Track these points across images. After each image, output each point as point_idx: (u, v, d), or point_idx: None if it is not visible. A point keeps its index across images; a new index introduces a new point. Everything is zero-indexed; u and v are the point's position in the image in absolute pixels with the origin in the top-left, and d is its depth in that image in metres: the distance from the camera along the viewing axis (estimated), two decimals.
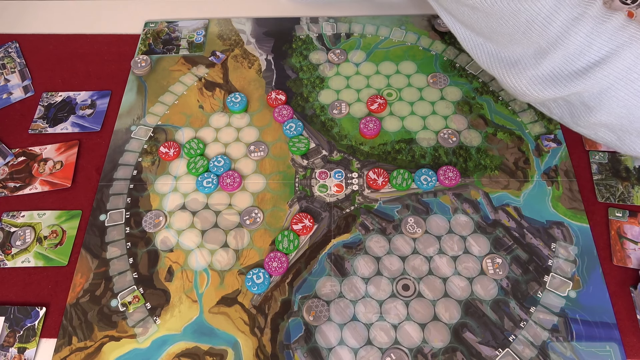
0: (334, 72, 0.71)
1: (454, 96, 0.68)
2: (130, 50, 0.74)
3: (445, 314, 0.52)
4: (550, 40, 0.45)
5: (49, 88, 0.71)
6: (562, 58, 0.46)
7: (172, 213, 0.59)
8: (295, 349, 0.51)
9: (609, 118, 0.47)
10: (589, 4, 0.44)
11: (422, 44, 0.73)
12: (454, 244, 0.56)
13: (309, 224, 0.58)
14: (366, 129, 0.64)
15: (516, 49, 0.48)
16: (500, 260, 0.55)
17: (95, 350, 0.51)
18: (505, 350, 0.50)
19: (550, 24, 0.44)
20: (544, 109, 0.54)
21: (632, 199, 0.59)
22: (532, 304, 0.53)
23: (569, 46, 0.45)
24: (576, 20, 0.44)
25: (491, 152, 0.63)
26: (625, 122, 0.47)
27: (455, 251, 0.56)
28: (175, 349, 0.51)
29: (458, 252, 0.56)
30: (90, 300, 0.54)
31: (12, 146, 0.65)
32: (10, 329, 0.52)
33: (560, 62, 0.46)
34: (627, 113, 0.46)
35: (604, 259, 0.55)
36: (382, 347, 0.51)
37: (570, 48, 0.45)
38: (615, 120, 0.47)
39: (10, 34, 0.77)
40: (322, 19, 0.76)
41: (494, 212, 0.58)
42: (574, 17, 0.44)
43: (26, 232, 0.58)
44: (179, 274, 0.55)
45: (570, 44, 0.45)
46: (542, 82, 0.48)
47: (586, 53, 0.45)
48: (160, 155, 0.64)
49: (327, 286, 0.54)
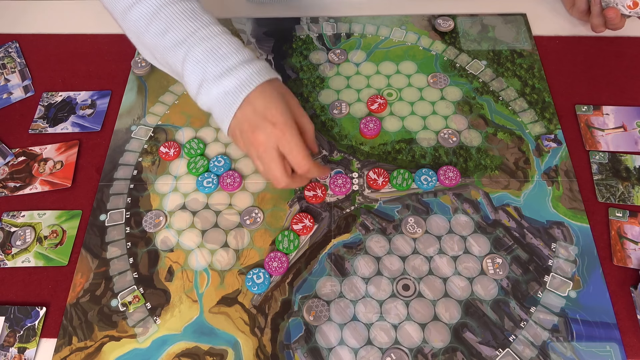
0: (334, 72, 0.71)
1: (454, 96, 0.68)
2: (131, 50, 0.74)
3: (446, 314, 0.52)
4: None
5: (49, 88, 0.71)
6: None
7: (172, 213, 0.59)
8: (296, 349, 0.51)
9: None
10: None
11: (422, 44, 0.73)
12: (454, 244, 0.56)
13: (309, 224, 0.58)
14: (366, 129, 0.64)
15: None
16: (501, 260, 0.55)
17: (95, 350, 0.51)
18: (505, 350, 0.50)
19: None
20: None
21: (633, 199, 0.59)
22: (533, 304, 0.53)
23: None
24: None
25: (491, 152, 0.63)
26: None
27: (456, 251, 0.56)
28: (176, 348, 0.51)
29: (458, 252, 0.56)
30: (90, 300, 0.54)
31: (12, 146, 0.65)
32: (11, 328, 0.52)
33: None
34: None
35: (604, 259, 0.55)
36: (383, 347, 0.51)
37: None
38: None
39: (10, 34, 0.77)
40: (323, 19, 0.76)
41: (494, 212, 0.58)
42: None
43: (26, 232, 0.58)
44: (179, 273, 0.55)
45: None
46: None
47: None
48: (161, 155, 0.64)
49: (327, 286, 0.54)
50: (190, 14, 0.54)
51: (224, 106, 0.52)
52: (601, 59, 0.71)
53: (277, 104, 0.51)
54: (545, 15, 0.77)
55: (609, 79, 0.69)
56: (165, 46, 0.54)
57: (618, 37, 0.73)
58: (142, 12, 0.54)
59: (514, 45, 0.73)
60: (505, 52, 0.72)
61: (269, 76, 0.52)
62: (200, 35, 0.53)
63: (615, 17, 0.67)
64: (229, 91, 0.51)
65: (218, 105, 0.52)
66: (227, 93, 0.51)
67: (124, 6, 0.55)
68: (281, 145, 0.51)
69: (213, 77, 0.51)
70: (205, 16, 0.55)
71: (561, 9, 0.77)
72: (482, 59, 0.71)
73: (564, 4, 0.76)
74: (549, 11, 0.77)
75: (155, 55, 0.57)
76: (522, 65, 0.71)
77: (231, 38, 0.54)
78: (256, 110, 0.51)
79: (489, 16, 0.77)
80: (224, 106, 0.52)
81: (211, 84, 0.52)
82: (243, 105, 0.51)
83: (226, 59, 0.52)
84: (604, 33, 0.72)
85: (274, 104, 0.51)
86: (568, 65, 0.71)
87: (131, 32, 0.57)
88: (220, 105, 0.52)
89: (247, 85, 0.51)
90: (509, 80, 0.69)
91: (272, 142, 0.51)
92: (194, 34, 0.53)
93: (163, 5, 0.54)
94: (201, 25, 0.53)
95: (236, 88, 0.51)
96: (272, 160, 0.51)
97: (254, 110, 0.51)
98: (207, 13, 0.55)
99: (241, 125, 0.51)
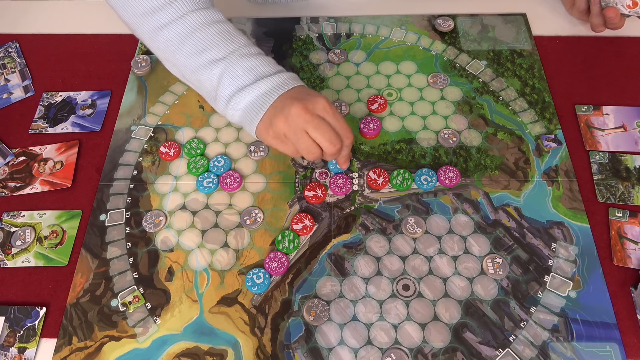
0: (334, 72, 0.71)
1: (454, 96, 0.68)
2: (131, 50, 0.74)
3: (446, 314, 0.52)
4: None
5: (49, 88, 0.71)
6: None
7: (172, 213, 0.59)
8: (296, 349, 0.51)
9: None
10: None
11: (422, 44, 0.73)
12: (454, 244, 0.56)
13: (309, 224, 0.58)
14: (366, 129, 0.64)
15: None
16: (501, 260, 0.55)
17: (95, 350, 0.51)
18: (505, 350, 0.50)
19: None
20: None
21: (633, 199, 0.59)
22: (533, 304, 0.53)
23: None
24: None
25: (491, 152, 0.63)
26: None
27: (456, 251, 0.56)
28: (176, 348, 0.51)
29: (458, 252, 0.56)
30: (90, 300, 0.54)
31: (12, 146, 0.65)
32: (11, 328, 0.52)
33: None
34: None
35: (604, 259, 0.55)
36: (383, 347, 0.51)
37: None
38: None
39: (10, 34, 0.77)
40: (323, 19, 0.76)
41: (494, 212, 0.58)
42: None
43: (26, 232, 0.58)
44: (179, 273, 0.55)
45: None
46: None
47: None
48: (161, 155, 0.64)
49: (327, 286, 0.54)
50: (227, 35, 0.57)
51: (255, 107, 0.55)
52: (601, 59, 0.71)
53: (315, 92, 0.56)
54: (545, 15, 0.77)
55: (609, 79, 0.69)
56: (199, 64, 0.56)
57: (618, 37, 0.73)
58: (176, 32, 0.56)
59: (514, 45, 0.73)
60: (505, 52, 0.72)
61: (301, 83, 0.57)
62: (240, 54, 0.56)
63: (615, 16, 0.67)
64: (264, 92, 0.54)
65: (249, 109, 0.55)
66: (261, 94, 0.54)
67: (154, 27, 0.57)
68: (327, 113, 0.54)
69: (243, 85, 0.55)
70: (241, 37, 0.57)
71: (561, 9, 0.77)
72: (482, 59, 0.71)
73: (564, 3, 0.76)
74: (549, 11, 0.77)
75: (184, 73, 0.59)
76: (522, 65, 0.71)
77: (267, 58, 0.57)
78: (299, 94, 0.54)
79: (489, 16, 0.77)
80: (255, 107, 0.55)
81: (247, 89, 0.55)
82: (283, 96, 0.54)
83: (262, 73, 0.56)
84: (604, 33, 0.72)
85: (313, 92, 0.56)
86: (568, 65, 0.71)
87: (160, 51, 0.59)
88: (251, 108, 0.55)
89: (282, 86, 0.55)
90: (509, 80, 0.69)
91: (320, 110, 0.53)
92: (233, 53, 0.55)
93: (198, 27, 0.56)
94: (239, 46, 0.56)
95: (272, 89, 0.54)
96: (325, 124, 0.53)
97: (296, 94, 0.54)
98: (241, 34, 0.58)
99: (282, 105, 0.53)
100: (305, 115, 0.52)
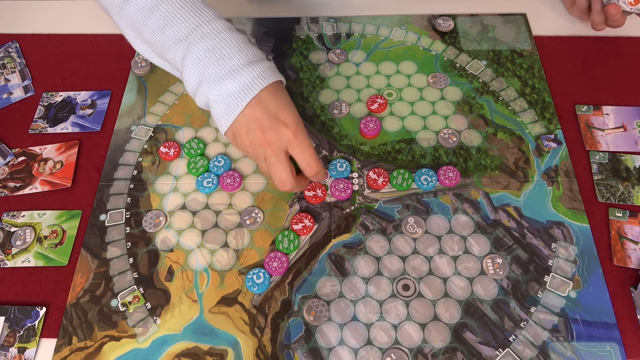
0: (334, 72, 0.71)
1: (454, 96, 0.68)
2: (131, 50, 0.74)
3: (446, 314, 0.52)
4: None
5: (49, 88, 0.71)
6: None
7: (172, 213, 0.59)
8: (296, 349, 0.51)
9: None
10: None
11: (422, 44, 0.73)
12: (454, 244, 0.56)
13: (309, 224, 0.58)
14: (366, 129, 0.64)
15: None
16: (501, 260, 0.55)
17: (95, 350, 0.51)
18: (505, 350, 0.50)
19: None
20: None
21: (633, 199, 0.59)
22: (533, 304, 0.53)
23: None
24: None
25: (491, 152, 0.63)
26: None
27: (456, 251, 0.56)
28: (176, 348, 0.51)
29: (458, 252, 0.56)
30: (90, 300, 0.54)
31: (12, 146, 0.65)
32: (11, 328, 0.52)
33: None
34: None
35: (604, 259, 0.55)
36: (383, 347, 0.51)
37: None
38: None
39: (10, 34, 0.77)
40: (323, 19, 0.76)
41: (494, 212, 0.58)
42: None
43: (26, 232, 0.58)
44: (179, 273, 0.55)
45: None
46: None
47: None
48: (161, 155, 0.64)
49: (327, 286, 0.54)
50: (191, 8, 0.52)
51: (224, 107, 0.51)
52: (601, 59, 0.71)
53: (288, 105, 0.51)
54: (545, 15, 0.77)
55: (609, 79, 0.69)
56: (164, 42, 0.52)
57: (618, 37, 0.73)
58: (140, 5, 0.53)
59: (514, 45, 0.73)
60: (505, 52, 0.72)
61: (274, 79, 0.52)
62: (202, 33, 0.51)
63: (617, 13, 0.67)
64: (231, 93, 0.50)
65: (217, 106, 0.51)
66: (229, 95, 0.50)
67: (120, 0, 0.54)
68: (292, 147, 0.51)
69: (214, 78, 0.51)
70: (208, 11, 0.53)
71: (561, 9, 0.77)
72: (482, 59, 0.71)
73: (564, 3, 0.76)
74: (549, 11, 0.77)
75: (154, 50, 0.56)
76: (522, 65, 0.71)
77: (234, 35, 0.52)
78: (268, 110, 0.50)
79: (489, 16, 0.77)
80: (224, 107, 0.51)
81: (212, 84, 0.51)
82: (253, 104, 0.50)
83: (228, 60, 0.51)
84: (604, 32, 0.72)
85: (285, 105, 0.51)
86: (568, 65, 0.71)
87: (128, 28, 0.56)
88: (219, 106, 0.51)
89: (252, 88, 0.50)
90: (509, 80, 0.69)
91: (284, 143, 0.50)
92: (195, 31, 0.51)
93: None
94: (203, 21, 0.52)
95: (240, 91, 0.50)
96: (281, 161, 0.51)
97: (265, 111, 0.50)
98: (209, 7, 0.53)
99: (249, 125, 0.51)
100: (266, 149, 0.50)
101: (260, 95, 0.50)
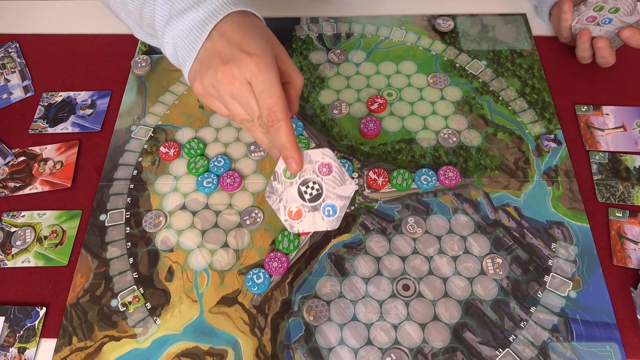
0: (334, 72, 0.71)
1: (454, 96, 0.68)
2: (131, 50, 0.74)
3: (446, 314, 0.52)
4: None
5: (49, 88, 0.71)
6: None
7: (172, 213, 0.59)
8: (296, 349, 0.51)
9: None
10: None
11: (422, 44, 0.73)
12: (454, 244, 0.56)
13: None
14: (366, 129, 0.64)
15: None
16: (501, 260, 0.55)
17: (95, 350, 0.51)
18: (505, 350, 0.50)
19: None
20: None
21: (632, 199, 0.59)
22: (532, 304, 0.53)
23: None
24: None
25: (491, 152, 0.63)
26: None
27: (456, 251, 0.56)
28: (175, 349, 0.51)
29: (458, 252, 0.56)
30: (90, 300, 0.54)
31: (12, 146, 0.65)
32: (11, 329, 0.52)
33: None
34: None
35: (604, 259, 0.55)
36: (382, 347, 0.51)
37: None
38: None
39: (10, 34, 0.77)
40: (322, 19, 0.76)
41: (494, 212, 0.58)
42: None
43: (26, 232, 0.58)
44: (179, 274, 0.55)
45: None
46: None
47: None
48: (161, 155, 0.64)
49: (327, 286, 0.54)
50: None
51: (186, 45, 0.45)
52: None
53: (255, 35, 0.44)
54: None
55: (609, 79, 0.69)
56: (140, 2, 0.49)
57: None
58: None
59: (514, 45, 0.73)
60: (505, 52, 0.72)
61: (244, 7, 0.45)
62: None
63: (605, 46, 0.64)
64: (192, 26, 0.45)
65: (182, 42, 0.45)
66: (193, 27, 0.45)
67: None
68: (254, 81, 0.43)
69: (179, 11, 0.45)
70: None
71: None
72: (482, 59, 0.71)
73: (555, 31, 0.74)
74: None
75: (138, 22, 0.52)
76: (522, 65, 0.71)
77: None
78: (231, 40, 0.44)
79: (489, 16, 0.77)
80: (186, 45, 0.45)
81: (176, 19, 0.45)
82: (214, 36, 0.44)
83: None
84: None
85: (252, 36, 0.44)
86: (568, 65, 0.71)
87: (131, 21, 0.54)
88: (182, 46, 0.45)
89: (216, 14, 0.44)
90: (508, 80, 0.69)
91: (246, 75, 0.43)
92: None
93: None
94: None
95: (203, 19, 0.44)
96: (249, 98, 0.44)
97: (228, 41, 0.44)
98: None
99: (210, 60, 0.44)
100: (231, 86, 0.43)
101: (224, 26, 0.44)
